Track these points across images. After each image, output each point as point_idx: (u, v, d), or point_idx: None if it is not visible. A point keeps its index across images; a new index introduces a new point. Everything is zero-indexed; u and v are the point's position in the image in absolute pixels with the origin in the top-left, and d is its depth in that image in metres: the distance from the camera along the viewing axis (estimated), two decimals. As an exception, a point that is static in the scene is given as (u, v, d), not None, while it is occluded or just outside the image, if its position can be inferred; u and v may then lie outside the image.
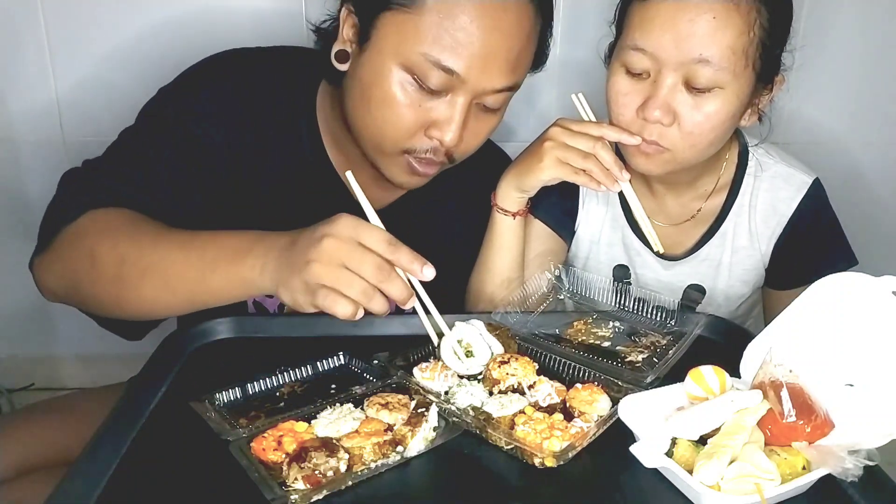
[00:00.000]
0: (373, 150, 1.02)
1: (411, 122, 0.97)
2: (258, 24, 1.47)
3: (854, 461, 0.70)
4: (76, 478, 0.72)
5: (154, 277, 0.91)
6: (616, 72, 1.04)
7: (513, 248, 1.15)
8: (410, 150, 0.99)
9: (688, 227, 1.21)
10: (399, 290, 0.82)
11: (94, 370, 1.75)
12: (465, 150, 1.02)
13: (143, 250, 0.92)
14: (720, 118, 1.00)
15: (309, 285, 0.81)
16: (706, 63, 0.96)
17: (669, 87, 0.99)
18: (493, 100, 0.99)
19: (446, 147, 0.99)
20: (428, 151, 0.99)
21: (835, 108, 1.64)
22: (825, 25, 1.55)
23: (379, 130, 0.99)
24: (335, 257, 0.80)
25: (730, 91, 0.99)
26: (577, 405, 0.82)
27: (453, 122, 0.97)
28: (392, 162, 1.02)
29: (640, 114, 1.02)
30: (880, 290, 0.77)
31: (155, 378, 0.90)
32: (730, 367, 0.82)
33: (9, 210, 1.63)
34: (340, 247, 0.80)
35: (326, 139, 1.12)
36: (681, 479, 0.70)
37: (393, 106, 0.96)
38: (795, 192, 1.17)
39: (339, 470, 0.72)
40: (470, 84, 0.95)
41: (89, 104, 1.54)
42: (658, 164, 1.05)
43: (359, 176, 1.09)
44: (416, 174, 1.03)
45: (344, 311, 0.81)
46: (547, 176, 1.07)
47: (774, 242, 1.19)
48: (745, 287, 1.23)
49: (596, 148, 1.04)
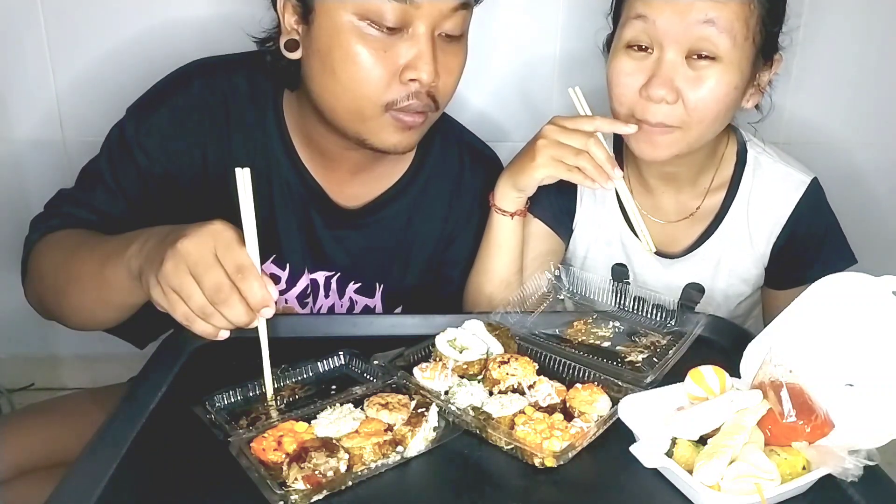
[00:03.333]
0: (354, 122, 0.99)
1: (382, 71, 0.94)
2: (260, 26, 1.46)
3: (854, 461, 0.70)
4: (76, 478, 0.72)
5: (75, 282, 0.95)
6: (617, 52, 1.05)
7: (512, 248, 1.15)
8: (391, 103, 0.96)
9: (686, 225, 1.21)
10: (236, 316, 0.79)
11: (94, 370, 1.74)
12: (444, 88, 0.99)
13: (69, 258, 0.96)
14: (723, 89, 1.00)
15: (160, 283, 0.80)
16: (710, 24, 0.97)
17: (672, 62, 0.99)
18: (451, 23, 0.96)
19: (426, 86, 0.96)
20: (409, 97, 0.96)
21: (835, 108, 1.64)
22: (825, 25, 1.55)
23: (353, 93, 0.96)
24: (185, 262, 0.78)
25: (731, 62, 0.99)
26: (577, 405, 0.82)
27: (424, 54, 0.94)
28: (377, 125, 0.98)
29: (643, 93, 1.02)
30: (880, 290, 0.77)
31: (155, 378, 0.90)
32: (730, 367, 0.82)
33: (9, 210, 1.62)
34: (193, 253, 0.78)
35: (298, 142, 1.10)
36: (681, 479, 0.70)
37: (358, 60, 0.94)
38: (794, 192, 1.17)
39: (339, 470, 0.72)
40: (424, 8, 0.92)
41: (89, 104, 1.54)
42: (665, 147, 1.05)
43: (338, 170, 1.10)
44: (406, 128, 0.99)
45: (182, 318, 0.81)
46: (541, 174, 1.07)
47: (773, 242, 1.19)
48: (745, 286, 1.23)
49: (588, 144, 1.04)
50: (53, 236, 1.04)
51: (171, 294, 0.80)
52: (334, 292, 1.16)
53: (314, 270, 1.15)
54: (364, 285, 1.18)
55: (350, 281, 1.17)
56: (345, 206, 1.13)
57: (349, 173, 1.11)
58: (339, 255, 1.15)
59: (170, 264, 0.79)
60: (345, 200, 1.13)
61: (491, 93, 1.59)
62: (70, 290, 0.97)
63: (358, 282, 1.17)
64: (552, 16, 1.54)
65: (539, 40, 1.56)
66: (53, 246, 1.03)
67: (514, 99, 1.60)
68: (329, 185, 1.12)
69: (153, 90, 1.10)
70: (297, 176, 1.10)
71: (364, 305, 1.19)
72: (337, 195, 1.13)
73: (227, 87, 1.08)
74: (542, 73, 1.58)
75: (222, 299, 0.79)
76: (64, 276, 0.97)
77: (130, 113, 1.09)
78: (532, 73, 1.58)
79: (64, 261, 0.98)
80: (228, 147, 1.08)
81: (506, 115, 1.61)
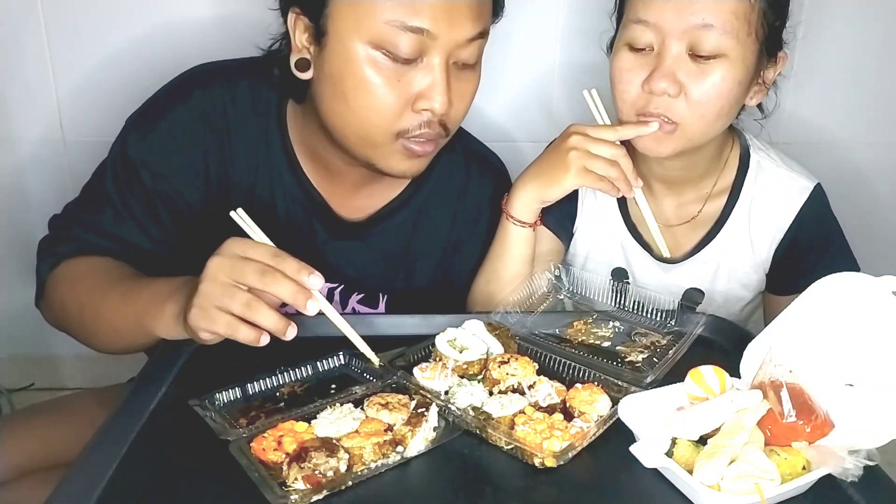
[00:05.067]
0: (363, 147, 0.98)
1: (394, 100, 0.93)
2: (262, 29, 1.46)
3: (854, 461, 0.70)
4: (76, 478, 0.72)
5: (104, 325, 1.00)
6: (619, 50, 1.05)
7: (527, 257, 1.15)
8: (402, 132, 0.95)
9: (687, 229, 1.20)
10: (288, 294, 0.82)
11: (94, 370, 1.74)
12: (456, 116, 0.99)
13: (95, 300, 1.00)
14: (726, 85, 1.00)
15: (196, 305, 0.83)
16: (710, 28, 0.97)
17: (674, 56, 0.99)
18: (467, 53, 0.95)
19: (438, 115, 0.95)
20: (421, 127, 0.95)
21: (835, 108, 1.64)
22: (825, 25, 1.55)
23: (364, 121, 0.95)
24: (221, 273, 0.83)
25: (734, 58, 0.99)
26: (577, 405, 0.82)
27: (437, 84, 0.93)
28: (387, 152, 0.98)
29: (645, 87, 1.02)
30: (880, 290, 0.77)
31: (155, 378, 0.90)
32: (730, 367, 0.82)
33: (9, 210, 1.63)
34: (225, 263, 0.83)
35: (301, 154, 1.09)
36: (681, 479, 0.70)
37: (371, 88, 0.92)
38: (796, 198, 1.16)
39: (339, 470, 0.72)
40: (441, 39, 0.91)
41: (89, 104, 1.54)
42: (667, 143, 1.04)
43: (342, 184, 1.10)
44: (415, 156, 0.99)
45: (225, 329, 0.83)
46: (571, 185, 1.08)
47: (775, 248, 1.18)
48: (745, 291, 1.22)
49: (618, 155, 1.06)
50: (71, 267, 1.05)
51: (212, 310, 0.83)
52: (337, 304, 1.15)
53: None
54: (367, 296, 1.17)
55: (353, 292, 1.17)
56: (348, 218, 1.13)
57: (353, 187, 1.10)
58: (343, 267, 1.14)
59: (206, 283, 0.83)
60: (348, 213, 1.13)
61: (491, 93, 1.59)
62: (99, 330, 1.01)
63: (361, 293, 1.17)
64: (552, 19, 1.54)
65: (539, 40, 1.56)
66: (74, 281, 1.04)
67: (519, 99, 1.60)
68: (332, 198, 1.11)
69: (152, 102, 1.09)
70: (300, 188, 1.10)
71: None
72: (340, 207, 1.12)
73: (228, 98, 1.06)
74: (542, 73, 1.58)
75: (269, 281, 0.81)
76: (90, 318, 1.01)
77: (130, 127, 1.08)
78: (532, 72, 1.58)
79: (90, 302, 1.00)
80: (231, 160, 1.07)
81: (505, 114, 1.61)
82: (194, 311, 0.84)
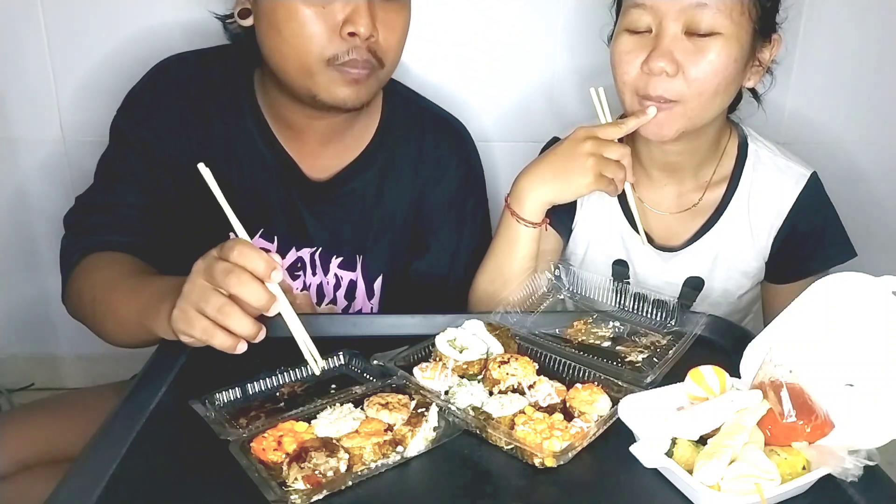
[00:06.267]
0: (303, 78, 1.03)
1: (322, 27, 0.99)
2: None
3: (854, 461, 0.70)
4: (77, 476, 0.72)
5: (112, 319, 1.03)
6: (619, 34, 1.07)
7: (533, 253, 1.16)
8: (333, 58, 1.00)
9: (686, 217, 1.21)
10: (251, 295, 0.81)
11: (94, 370, 1.75)
12: (386, 45, 1.04)
13: (105, 295, 1.04)
14: (722, 62, 1.02)
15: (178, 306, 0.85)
16: (704, 7, 1.00)
17: (671, 36, 1.02)
18: None
19: (365, 41, 1.00)
20: (350, 52, 1.00)
21: (835, 108, 1.64)
22: (825, 25, 1.55)
23: (297, 49, 1.00)
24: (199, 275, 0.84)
25: (729, 35, 1.01)
26: (577, 405, 0.82)
27: (360, 9, 0.98)
28: (324, 80, 1.02)
29: (644, 68, 1.04)
30: (880, 290, 0.77)
31: (155, 378, 0.90)
32: (730, 367, 0.82)
33: (9, 210, 1.63)
34: (200, 264, 0.85)
35: (270, 119, 1.15)
36: (681, 479, 0.70)
37: (300, 18, 0.98)
38: (794, 185, 1.18)
39: (339, 470, 0.72)
40: None
41: (89, 104, 1.54)
42: (670, 125, 1.06)
43: (308, 141, 1.16)
44: (352, 82, 1.03)
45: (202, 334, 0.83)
46: (589, 190, 1.10)
47: (774, 235, 1.20)
48: (745, 279, 1.23)
49: (624, 155, 1.09)
50: (92, 261, 1.10)
51: (191, 312, 0.84)
52: (319, 269, 1.21)
53: (301, 247, 1.19)
54: (346, 259, 1.22)
55: (332, 255, 1.21)
56: (317, 178, 1.18)
57: (318, 144, 1.16)
58: (319, 231, 1.19)
59: (187, 284, 0.85)
60: (316, 173, 1.18)
61: (493, 92, 1.59)
62: (107, 323, 1.04)
63: (339, 256, 1.21)
64: (554, 18, 1.54)
65: (540, 40, 1.56)
66: (91, 272, 1.08)
67: (515, 98, 1.60)
68: (301, 158, 1.17)
69: (135, 85, 1.18)
70: (271, 150, 1.16)
71: (349, 280, 1.22)
72: (309, 168, 1.17)
73: (203, 76, 1.15)
74: (544, 73, 1.58)
75: (234, 283, 0.81)
76: (101, 312, 1.04)
77: (119, 109, 1.17)
78: (533, 73, 1.58)
79: (102, 295, 1.04)
80: (209, 131, 1.14)
81: (507, 114, 1.60)
82: (176, 312, 0.85)
